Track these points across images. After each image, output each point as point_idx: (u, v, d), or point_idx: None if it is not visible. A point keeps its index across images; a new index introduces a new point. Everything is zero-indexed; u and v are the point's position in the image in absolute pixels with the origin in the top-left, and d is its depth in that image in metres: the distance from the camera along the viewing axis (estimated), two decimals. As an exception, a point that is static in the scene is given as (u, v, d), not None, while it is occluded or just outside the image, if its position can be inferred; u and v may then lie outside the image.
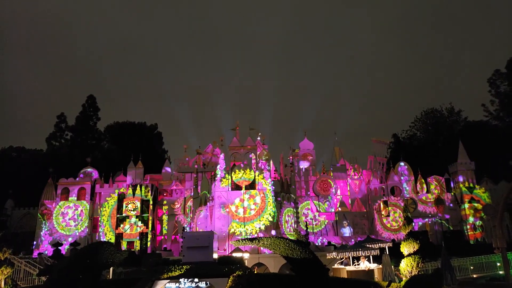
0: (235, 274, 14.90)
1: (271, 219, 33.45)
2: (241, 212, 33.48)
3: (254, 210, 33.42)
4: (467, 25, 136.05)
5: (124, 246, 39.10)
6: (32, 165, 56.25)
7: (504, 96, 62.14)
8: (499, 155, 50.78)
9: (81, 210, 42.49)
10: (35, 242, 41.06)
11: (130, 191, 41.24)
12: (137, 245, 39.57)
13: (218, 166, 35.84)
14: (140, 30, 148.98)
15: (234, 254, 22.06)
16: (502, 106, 62.28)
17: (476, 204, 43.81)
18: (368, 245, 24.30)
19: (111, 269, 22.02)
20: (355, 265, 24.64)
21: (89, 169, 45.22)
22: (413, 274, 19.62)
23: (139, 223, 40.18)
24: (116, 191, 41.91)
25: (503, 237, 15.72)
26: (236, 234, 32.58)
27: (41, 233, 41.72)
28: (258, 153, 38.22)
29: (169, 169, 46.28)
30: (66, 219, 42.16)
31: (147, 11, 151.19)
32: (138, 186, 41.57)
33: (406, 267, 20.06)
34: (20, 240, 42.27)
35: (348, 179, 45.57)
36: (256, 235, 32.10)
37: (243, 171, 34.91)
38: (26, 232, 45.08)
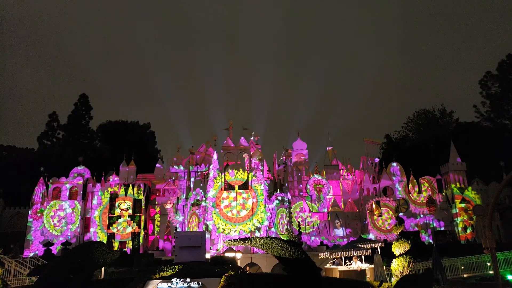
0: (227, 274, 14.87)
1: (262, 220, 33.53)
2: (234, 211, 33.56)
3: (240, 212, 33.50)
4: (460, 27, 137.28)
5: (116, 246, 38.92)
6: (23, 164, 55.77)
7: (495, 97, 62.78)
8: (490, 156, 51.28)
9: (73, 210, 42.20)
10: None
11: (122, 190, 41.03)
12: (129, 245, 39.39)
13: (211, 166, 35.80)
14: (133, 29, 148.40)
15: (227, 254, 22.03)
16: (493, 108, 62.93)
17: (466, 205, 44.30)
18: (360, 245, 24.42)
19: (102, 269, 21.90)
20: (347, 265, 24.74)
21: (81, 169, 44.91)
22: (404, 274, 19.73)
23: (121, 227, 39.90)
24: (109, 189, 41.67)
25: (492, 238, 15.85)
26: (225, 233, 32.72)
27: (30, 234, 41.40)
28: (251, 153, 38.23)
29: (161, 168, 46.06)
30: (57, 220, 41.80)
31: (140, 10, 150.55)
32: (130, 185, 41.36)
33: (398, 267, 20.18)
34: (11, 240, 41.89)
35: (341, 179, 45.75)
36: (249, 234, 32.16)
37: (236, 171, 34.94)
38: (17, 232, 44.68)
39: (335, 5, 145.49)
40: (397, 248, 20.68)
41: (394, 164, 46.81)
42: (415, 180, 45.92)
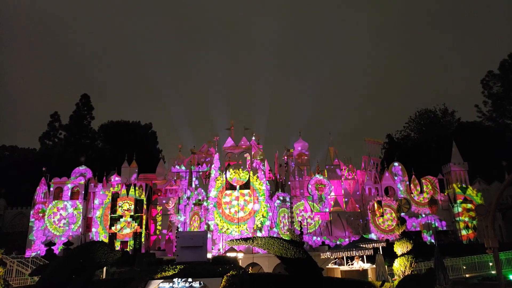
0: (229, 274, 14.86)
1: (263, 220, 33.54)
2: (232, 210, 33.68)
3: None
4: (461, 26, 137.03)
5: (117, 245, 38.96)
6: (25, 164, 55.85)
7: (497, 97, 62.64)
8: (492, 156, 51.16)
9: (74, 210, 42.22)
10: None
11: (123, 190, 41.06)
12: (130, 245, 39.43)
13: (213, 166, 35.81)
14: (135, 29, 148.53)
15: (228, 254, 22.02)
16: (495, 107, 62.78)
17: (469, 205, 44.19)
18: (362, 245, 24.36)
19: (104, 269, 21.89)
20: (349, 265, 24.70)
21: (82, 169, 44.93)
22: (406, 274, 19.71)
23: (122, 227, 39.91)
24: (109, 191, 41.71)
25: (495, 237, 15.82)
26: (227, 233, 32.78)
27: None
28: (253, 153, 38.23)
29: (163, 168, 46.09)
30: (58, 220, 41.80)
31: (141, 10, 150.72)
32: (132, 185, 41.40)
33: (400, 266, 20.15)
34: (13, 240, 41.95)
35: (342, 179, 45.66)
36: (251, 234, 32.18)
37: (237, 171, 34.96)
38: (19, 232, 44.74)
39: (336, 5, 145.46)
40: (399, 248, 20.65)
41: (396, 164, 46.73)
42: (416, 180, 45.80)
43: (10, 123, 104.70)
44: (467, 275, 28.20)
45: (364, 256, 24.60)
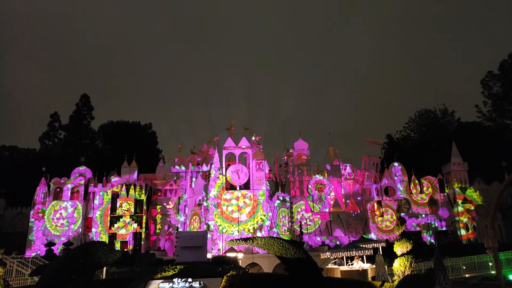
0: (229, 274, 14.88)
1: (262, 221, 33.56)
2: (230, 209, 33.75)
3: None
4: (461, 26, 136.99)
5: (117, 246, 38.97)
6: (24, 164, 55.84)
7: (496, 97, 62.69)
8: (492, 156, 51.16)
9: (74, 210, 42.22)
10: None
11: (123, 191, 41.05)
12: (130, 245, 39.43)
13: (213, 166, 35.82)
14: (135, 29, 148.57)
15: (228, 254, 22.03)
16: (495, 107, 62.84)
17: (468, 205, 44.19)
18: (361, 245, 24.39)
19: (104, 269, 21.91)
20: (349, 265, 24.72)
21: (82, 169, 44.91)
22: (406, 274, 19.72)
23: (122, 227, 39.93)
24: (109, 190, 41.68)
25: (495, 237, 15.83)
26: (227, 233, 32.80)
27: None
28: (252, 153, 38.22)
29: (163, 169, 46.10)
30: (57, 218, 41.78)
31: (141, 10, 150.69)
32: (132, 185, 41.40)
33: (399, 267, 20.16)
34: (12, 240, 41.95)
35: (342, 179, 45.65)
36: (251, 234, 32.19)
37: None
38: (18, 232, 44.73)
39: (336, 4, 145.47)
40: (399, 248, 20.66)
41: (396, 164, 46.70)
42: (416, 180, 45.78)
43: (10, 123, 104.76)
44: (467, 275, 28.22)
45: (364, 256, 24.62)
